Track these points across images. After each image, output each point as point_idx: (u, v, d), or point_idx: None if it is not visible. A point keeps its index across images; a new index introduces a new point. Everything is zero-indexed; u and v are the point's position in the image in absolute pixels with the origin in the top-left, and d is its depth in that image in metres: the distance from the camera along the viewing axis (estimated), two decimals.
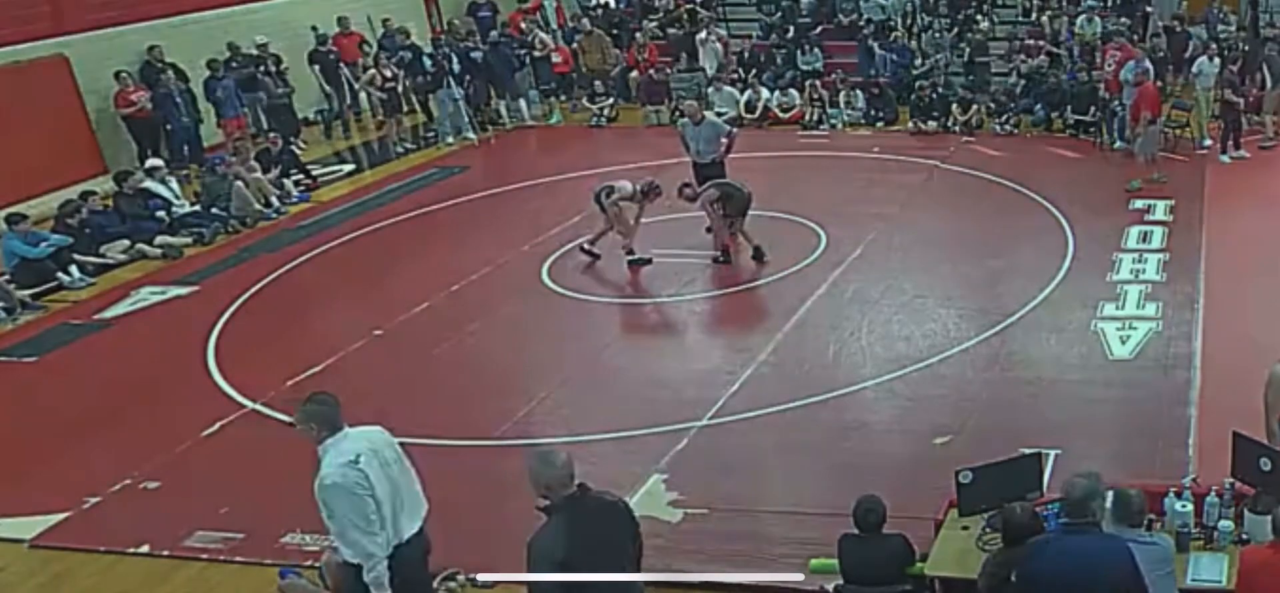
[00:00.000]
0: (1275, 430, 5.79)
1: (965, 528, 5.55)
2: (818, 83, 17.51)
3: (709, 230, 11.97)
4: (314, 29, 17.00)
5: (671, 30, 19.95)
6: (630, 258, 11.20)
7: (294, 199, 13.80)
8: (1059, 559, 4.31)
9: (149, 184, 12.96)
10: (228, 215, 12.74)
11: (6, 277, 10.81)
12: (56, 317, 10.50)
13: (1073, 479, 4.43)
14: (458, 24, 18.79)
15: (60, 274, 11.13)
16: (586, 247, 11.34)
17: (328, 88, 17.18)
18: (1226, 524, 5.28)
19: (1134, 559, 4.32)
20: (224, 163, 13.45)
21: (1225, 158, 14.28)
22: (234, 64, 15.93)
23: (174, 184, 13.40)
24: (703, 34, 18.85)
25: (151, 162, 13.62)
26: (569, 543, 4.38)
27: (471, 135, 16.69)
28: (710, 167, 11.51)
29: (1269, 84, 15.27)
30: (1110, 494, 5.01)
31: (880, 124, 16.84)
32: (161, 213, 12.59)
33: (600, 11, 20.98)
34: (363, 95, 17.66)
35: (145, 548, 6.66)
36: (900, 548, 5.33)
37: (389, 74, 16.45)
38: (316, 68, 17.02)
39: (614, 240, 11.20)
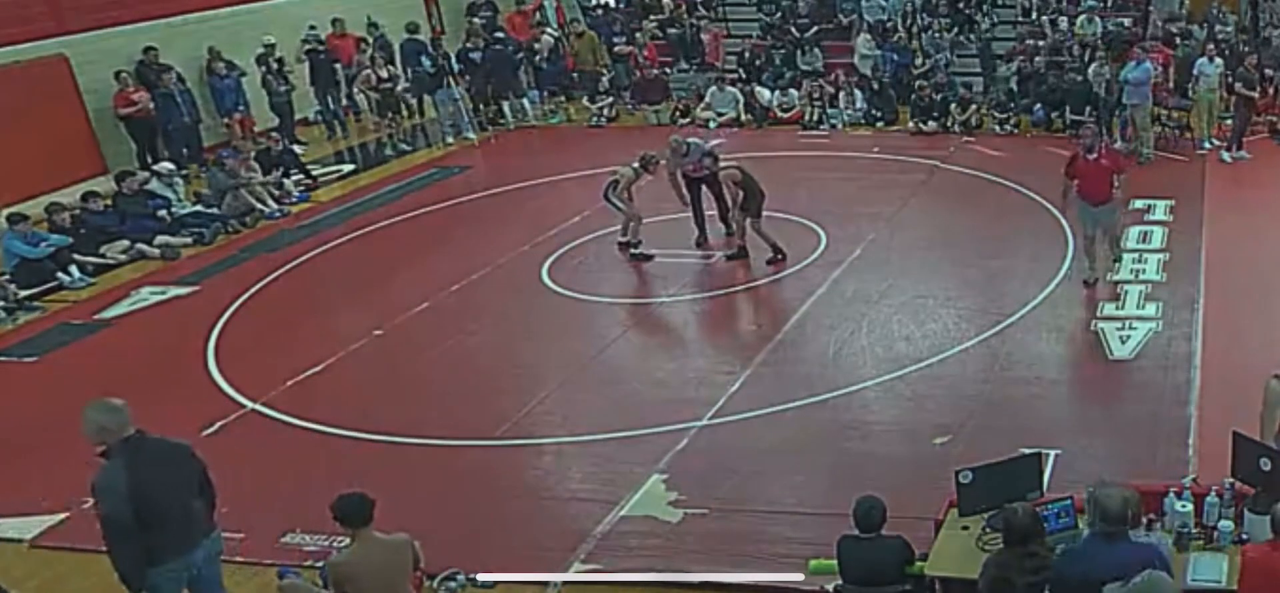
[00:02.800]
0: (1274, 445, 5.75)
1: (965, 528, 5.54)
2: (821, 81, 17.52)
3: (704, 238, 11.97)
4: (311, 28, 16.99)
5: (671, 30, 19.96)
6: (634, 251, 11.25)
7: (294, 199, 13.80)
8: (1102, 565, 4.45)
9: (153, 185, 12.98)
10: (226, 215, 12.75)
11: (7, 276, 10.81)
12: (56, 317, 10.50)
13: (1107, 492, 4.56)
14: (476, 22, 18.87)
15: (60, 274, 11.13)
16: (623, 243, 11.39)
17: (314, 88, 17.13)
18: (1226, 524, 5.28)
19: (1167, 562, 4.55)
20: (237, 158, 13.48)
21: (1227, 156, 14.27)
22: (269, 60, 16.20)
23: (179, 185, 13.40)
24: (859, 23, 18.82)
25: (166, 166, 13.60)
26: (131, 477, 4.86)
27: (471, 135, 16.70)
28: (704, 176, 11.55)
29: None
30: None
31: (880, 124, 16.84)
32: (163, 212, 12.60)
33: (600, 12, 20.99)
34: (360, 96, 17.66)
35: None
36: (900, 548, 5.33)
37: (383, 75, 16.43)
38: (306, 66, 16.98)
39: (632, 231, 11.34)
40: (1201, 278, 10.28)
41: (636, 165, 11.23)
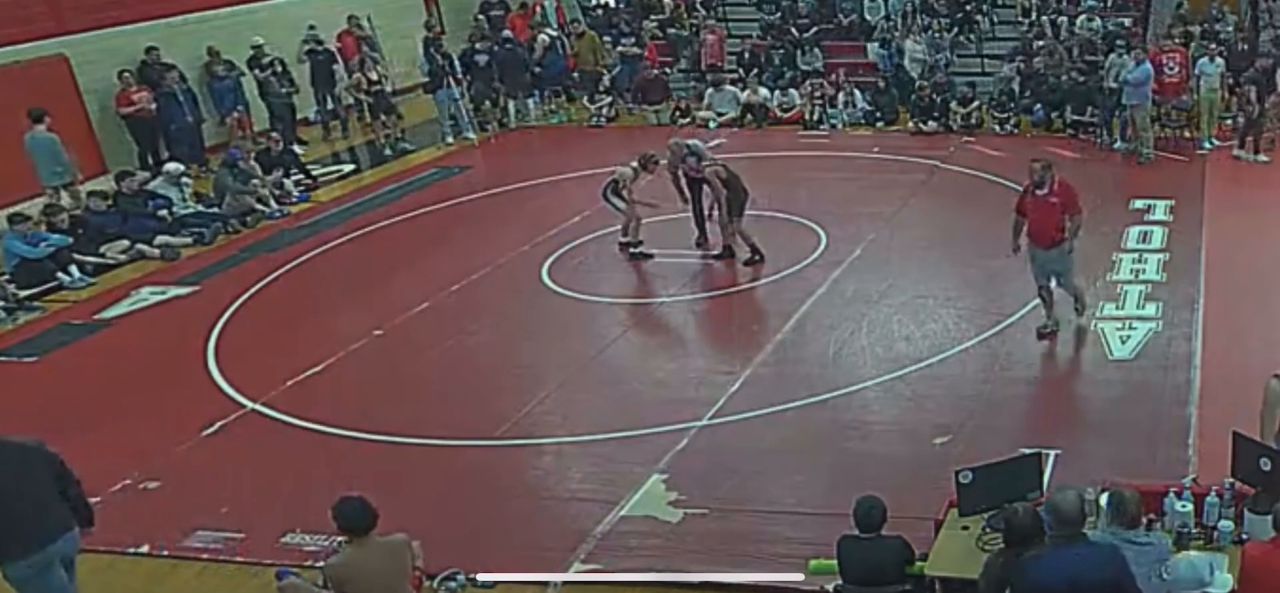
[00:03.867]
0: (1274, 445, 5.74)
1: (965, 528, 5.54)
2: (823, 81, 17.51)
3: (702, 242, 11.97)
4: (311, 28, 17.01)
5: (671, 30, 19.96)
6: (634, 251, 11.26)
7: (294, 199, 13.80)
8: (1056, 570, 4.39)
9: (155, 184, 12.98)
10: (227, 215, 12.75)
11: (6, 276, 10.81)
12: (56, 317, 10.50)
13: (1062, 495, 4.56)
14: (483, 21, 18.87)
15: (60, 274, 11.13)
16: (624, 244, 11.39)
17: (314, 89, 17.15)
18: (1226, 524, 5.28)
19: (1125, 563, 4.45)
20: (242, 157, 13.50)
21: (1259, 156, 14.26)
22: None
23: (186, 185, 13.39)
24: (905, 28, 18.80)
25: (174, 166, 13.57)
26: None
27: (471, 135, 16.71)
28: (704, 177, 11.55)
29: None
30: (1105, 496, 5.04)
31: (880, 124, 16.84)
32: (163, 212, 12.60)
33: (601, 12, 20.99)
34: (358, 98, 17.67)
35: (145, 548, 6.66)
36: (900, 549, 5.33)
37: (373, 77, 16.46)
38: (307, 66, 17.00)
39: (632, 230, 11.35)
40: (1201, 278, 10.27)
41: (635, 165, 11.25)
